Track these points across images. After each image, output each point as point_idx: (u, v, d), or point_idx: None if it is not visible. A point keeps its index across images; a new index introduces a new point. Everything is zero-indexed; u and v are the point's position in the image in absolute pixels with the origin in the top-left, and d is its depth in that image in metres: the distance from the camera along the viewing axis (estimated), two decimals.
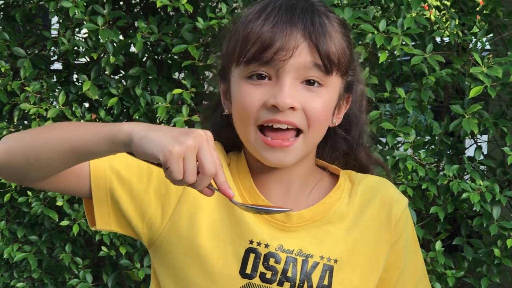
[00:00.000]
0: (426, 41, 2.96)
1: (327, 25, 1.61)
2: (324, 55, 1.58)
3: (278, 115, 1.58)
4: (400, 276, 1.75)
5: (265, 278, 1.64)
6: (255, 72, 1.59)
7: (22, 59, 3.31)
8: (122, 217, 1.67)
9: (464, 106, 2.87)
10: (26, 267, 3.29)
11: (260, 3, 1.65)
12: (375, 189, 1.75)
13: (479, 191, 2.84)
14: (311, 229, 1.68)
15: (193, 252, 1.66)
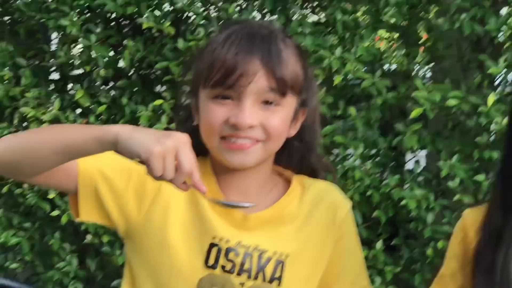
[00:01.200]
0: (376, 68, 2.95)
1: (283, 52, 1.61)
2: (279, 80, 1.58)
3: (238, 132, 1.59)
4: (342, 269, 1.75)
5: (225, 269, 1.64)
6: (219, 94, 1.60)
7: (24, 68, 3.28)
8: (103, 211, 1.66)
9: (407, 125, 2.85)
10: (20, 251, 3.25)
11: (226, 32, 1.65)
12: (323, 193, 1.75)
13: (416, 199, 2.81)
14: (266, 228, 1.68)
15: (164, 245, 1.65)
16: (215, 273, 1.65)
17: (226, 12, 3.03)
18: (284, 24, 2.97)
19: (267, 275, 1.66)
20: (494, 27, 2.81)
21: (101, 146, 1.49)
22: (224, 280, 1.65)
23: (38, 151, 1.56)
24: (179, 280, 1.66)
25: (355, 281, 1.77)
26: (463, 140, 2.93)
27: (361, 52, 2.87)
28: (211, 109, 1.61)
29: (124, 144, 1.44)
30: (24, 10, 3.21)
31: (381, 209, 2.89)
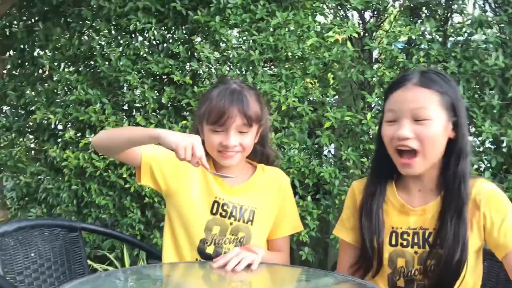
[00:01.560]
0: (305, 99, 2.95)
1: (249, 100, 1.64)
2: (248, 118, 1.64)
3: (227, 149, 1.65)
4: (285, 216, 1.79)
5: (222, 215, 1.70)
6: (215, 129, 1.65)
7: (107, 104, 3.25)
8: (154, 179, 1.70)
9: (322, 131, 2.88)
10: (107, 207, 3.24)
11: (218, 89, 1.68)
12: (274, 174, 1.80)
13: (329, 172, 2.82)
14: (243, 194, 1.73)
15: (188, 199, 1.70)
16: (216, 217, 1.70)
17: (221, 71, 3.02)
18: (253, 77, 2.95)
19: (245, 218, 1.71)
20: (369, 76, 2.87)
21: (150, 140, 1.55)
22: (221, 221, 1.70)
23: (118, 139, 1.62)
24: (196, 220, 1.69)
25: (292, 222, 1.80)
26: (354, 139, 2.94)
27: (296, 91, 2.90)
28: (211, 137, 1.66)
29: (164, 139, 1.50)
30: (105, 71, 3.22)
31: (309, 178, 2.91)
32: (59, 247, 1.91)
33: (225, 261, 1.51)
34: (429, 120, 1.42)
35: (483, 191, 1.45)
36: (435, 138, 1.43)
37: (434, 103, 1.42)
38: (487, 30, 2.78)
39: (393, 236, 1.52)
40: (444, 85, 1.45)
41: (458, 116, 1.45)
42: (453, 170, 1.44)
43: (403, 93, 1.44)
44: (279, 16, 2.95)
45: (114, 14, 3.24)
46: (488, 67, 2.72)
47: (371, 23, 3.11)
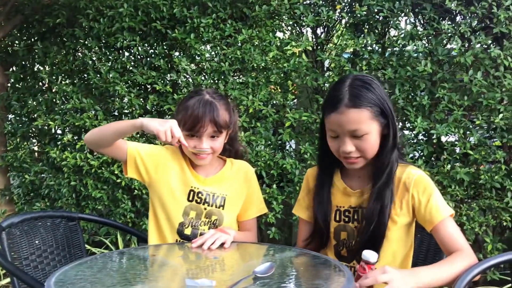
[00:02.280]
0: (269, 103, 2.94)
1: (219, 109, 1.60)
2: (218, 126, 1.61)
3: (200, 151, 1.63)
4: (251, 201, 1.76)
5: (197, 201, 1.67)
6: (191, 134, 1.62)
7: (99, 111, 3.18)
8: (138, 171, 1.66)
9: (284, 130, 2.87)
10: (102, 200, 3.19)
11: (193, 99, 1.63)
12: (241, 166, 1.77)
13: (290, 164, 2.82)
14: (215, 183, 1.70)
15: (168, 188, 1.66)
16: (192, 203, 1.67)
17: (197, 81, 2.99)
18: (224, 85, 2.93)
19: (217, 204, 1.68)
20: (322, 82, 2.87)
21: (134, 129, 1.51)
22: (197, 207, 1.66)
23: (106, 133, 1.56)
24: (175, 206, 1.65)
25: (258, 206, 1.77)
26: (310, 135, 2.90)
27: (261, 96, 2.89)
28: (187, 141, 1.61)
29: (146, 127, 1.47)
30: (97, 82, 3.15)
31: (274, 169, 2.91)
32: (60, 235, 1.87)
33: (202, 241, 1.51)
34: (366, 135, 1.42)
35: (412, 176, 1.46)
36: (373, 145, 1.44)
37: (367, 119, 1.41)
38: (418, 42, 2.81)
39: (337, 213, 1.54)
40: (371, 96, 1.41)
41: (388, 117, 1.43)
42: (385, 160, 1.45)
43: (339, 117, 1.41)
44: (245, 33, 2.94)
45: (103, 34, 3.19)
46: (418, 73, 2.77)
47: (322, 38, 3.11)
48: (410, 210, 1.46)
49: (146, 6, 3.06)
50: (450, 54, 2.74)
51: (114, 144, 1.57)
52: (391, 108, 1.43)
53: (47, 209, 3.37)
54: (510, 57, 2.61)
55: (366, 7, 2.85)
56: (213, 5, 2.98)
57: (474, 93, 2.59)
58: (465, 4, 2.76)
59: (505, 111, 2.59)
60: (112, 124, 1.56)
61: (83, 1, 3.18)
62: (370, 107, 1.40)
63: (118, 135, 1.54)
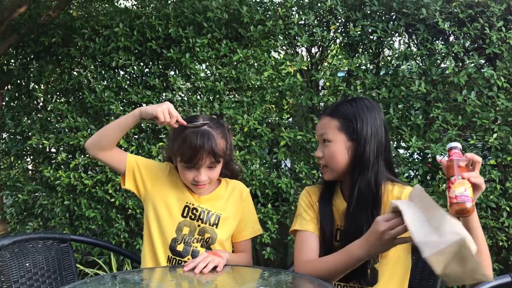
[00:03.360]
0: (264, 122, 2.93)
1: (216, 139, 1.58)
2: (216, 157, 1.60)
3: (199, 183, 1.62)
4: (247, 222, 1.75)
5: (191, 217, 1.66)
6: (188, 166, 1.61)
7: (94, 130, 3.12)
8: (135, 183, 1.65)
9: (279, 149, 2.85)
10: (95, 219, 3.18)
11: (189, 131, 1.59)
12: (236, 185, 1.76)
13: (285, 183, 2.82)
14: (210, 202, 1.70)
15: (163, 202, 1.65)
16: (187, 219, 1.66)
17: (192, 99, 2.96)
18: (219, 104, 2.92)
19: (211, 222, 1.68)
20: (316, 101, 2.88)
21: (135, 118, 1.52)
22: (190, 223, 1.66)
23: (107, 130, 1.57)
24: (169, 221, 1.64)
25: (253, 227, 1.76)
26: (306, 154, 2.94)
27: (256, 115, 2.90)
28: (185, 173, 1.62)
29: (144, 112, 1.49)
30: (92, 101, 3.14)
31: (269, 188, 2.91)
32: (51, 257, 1.83)
33: (194, 265, 1.48)
34: (330, 142, 1.48)
35: (401, 192, 1.46)
36: (335, 154, 1.47)
37: (334, 128, 1.48)
38: (411, 62, 2.82)
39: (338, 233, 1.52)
40: (347, 110, 1.47)
41: (357, 136, 1.45)
42: (354, 179, 1.45)
43: (318, 123, 1.54)
44: (240, 53, 2.94)
45: (99, 53, 3.19)
46: (413, 93, 2.77)
47: (316, 58, 3.11)
48: None
49: (142, 26, 3.07)
50: (444, 74, 2.75)
51: (115, 145, 1.57)
52: (367, 131, 1.45)
53: (40, 229, 3.35)
54: (503, 77, 2.68)
55: (360, 27, 2.87)
56: (208, 25, 2.99)
57: (468, 112, 2.64)
58: (458, 25, 2.78)
59: (499, 130, 2.62)
60: (112, 122, 1.56)
61: (78, 20, 3.21)
62: (341, 118, 1.47)
63: (119, 130, 1.55)
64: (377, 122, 1.47)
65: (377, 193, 1.43)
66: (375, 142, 1.44)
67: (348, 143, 1.47)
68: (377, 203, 1.43)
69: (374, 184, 1.43)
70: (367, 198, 1.42)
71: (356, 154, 1.46)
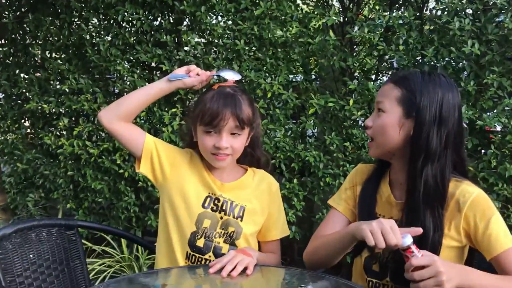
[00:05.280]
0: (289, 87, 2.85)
1: (242, 103, 1.60)
2: (240, 121, 1.59)
3: (219, 151, 1.61)
4: (275, 220, 1.75)
5: (213, 209, 1.65)
6: (208, 130, 1.61)
7: (98, 93, 3.10)
8: (152, 168, 1.66)
9: (307, 117, 2.82)
10: (103, 192, 3.17)
11: (211, 92, 1.62)
12: (264, 176, 1.76)
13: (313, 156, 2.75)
14: (234, 191, 1.68)
15: (181, 190, 1.65)
16: (207, 211, 1.65)
17: (208, 60, 2.89)
18: (239, 65, 2.85)
19: (235, 214, 1.66)
20: (351, 63, 2.78)
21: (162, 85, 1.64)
22: (212, 215, 1.65)
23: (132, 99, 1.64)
24: (188, 212, 1.64)
25: (282, 226, 1.76)
26: (337, 124, 2.88)
27: (281, 79, 2.82)
28: (205, 139, 1.62)
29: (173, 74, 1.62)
30: (96, 61, 3.08)
31: (295, 162, 2.85)
32: (57, 246, 1.84)
33: (221, 266, 1.46)
34: (383, 113, 1.45)
35: (468, 196, 1.40)
36: (385, 128, 1.44)
37: (393, 98, 1.43)
38: (463, 18, 2.66)
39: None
40: (416, 85, 1.41)
41: (418, 115, 1.40)
42: (412, 168, 1.41)
43: (381, 87, 1.52)
44: (263, 6, 2.82)
45: (102, 5, 3.07)
46: (464, 54, 2.62)
47: (351, 12, 3.00)
48: (461, 233, 1.42)
49: None
50: (502, 33, 2.59)
51: (136, 114, 1.63)
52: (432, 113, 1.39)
53: (42, 201, 3.43)
54: None
55: None
56: None
57: None
58: None
59: None
60: (139, 89, 1.67)
61: None
62: (405, 89, 1.42)
63: (146, 98, 1.63)
64: (449, 105, 1.39)
65: (443, 189, 1.39)
66: (445, 129, 1.38)
67: (404, 119, 1.42)
68: (443, 201, 1.39)
69: (441, 179, 1.38)
70: (434, 193, 1.39)
71: (413, 137, 1.40)
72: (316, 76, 3.08)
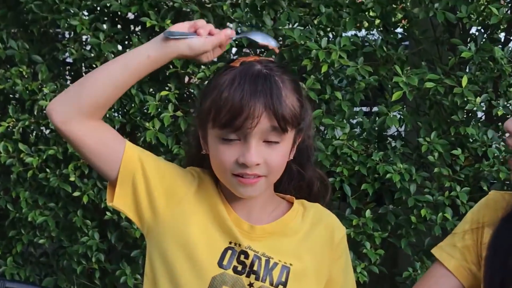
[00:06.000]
0: (358, 55, 2.87)
1: (282, 90, 1.54)
2: (280, 119, 1.54)
3: (246, 170, 1.56)
4: (341, 287, 1.74)
5: (236, 270, 1.60)
6: (227, 137, 1.56)
7: (40, 64, 3.14)
8: (135, 200, 1.61)
9: (388, 105, 2.81)
10: (46, 228, 3.14)
11: (229, 72, 1.57)
12: (322, 214, 1.72)
13: (399, 171, 2.77)
14: (271, 239, 1.65)
15: (183, 240, 1.60)
16: (227, 272, 1.59)
17: (222, 10, 2.90)
18: (272, 18, 2.88)
19: (274, 279, 1.62)
20: (464, 14, 2.73)
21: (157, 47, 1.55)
22: (235, 280, 1.60)
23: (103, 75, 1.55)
24: (194, 276, 1.59)
25: None
26: (440, 118, 2.84)
27: (344, 42, 2.76)
28: (221, 150, 1.57)
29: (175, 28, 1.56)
30: (37, 11, 3.03)
31: (367, 182, 2.82)
32: None
33: None
34: None
35: None
36: None
37: None
38: None
39: None
40: None
41: None
42: None
43: None
44: None
45: None
46: None
47: None
48: None
49: None
50: None
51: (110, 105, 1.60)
52: None
53: None
54: None
55: None
56: None
57: None
58: None
59: None
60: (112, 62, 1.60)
61: None
62: None
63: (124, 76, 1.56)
64: None
65: None
66: None
67: None
68: None
69: None
70: None
71: None
72: (403, 36, 3.08)
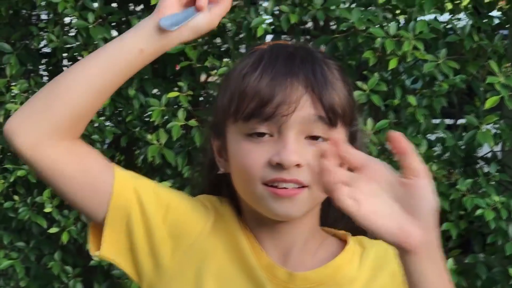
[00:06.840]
0: (439, 46, 2.93)
1: (328, 74, 1.56)
2: (328, 107, 1.52)
3: (283, 173, 1.51)
4: None
5: None
6: (255, 130, 1.54)
7: (8, 55, 3.26)
8: (131, 248, 1.61)
9: (479, 115, 2.85)
10: (13, 275, 3.26)
11: (254, 54, 1.60)
12: (388, 256, 1.63)
13: (494, 207, 2.81)
14: None
15: None
16: None
17: None
18: None
19: None
20: None
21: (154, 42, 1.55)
22: None
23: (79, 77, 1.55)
24: None
25: None
26: None
27: (421, 28, 2.86)
28: (246, 150, 1.55)
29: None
30: None
31: (450, 221, 2.91)
32: None
33: None
34: None
35: None
36: None
37: None
38: None
39: None
40: None
41: None
42: None
43: None
44: None
45: None
46: None
47: None
48: None
49: None
50: None
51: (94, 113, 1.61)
52: None
53: None
54: None
55: None
56: None
57: None
58: None
59: None
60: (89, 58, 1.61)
61: None
62: None
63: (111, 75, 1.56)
64: None
65: None
66: None
67: None
68: None
69: None
70: None
71: None
72: (502, 21, 3.23)
